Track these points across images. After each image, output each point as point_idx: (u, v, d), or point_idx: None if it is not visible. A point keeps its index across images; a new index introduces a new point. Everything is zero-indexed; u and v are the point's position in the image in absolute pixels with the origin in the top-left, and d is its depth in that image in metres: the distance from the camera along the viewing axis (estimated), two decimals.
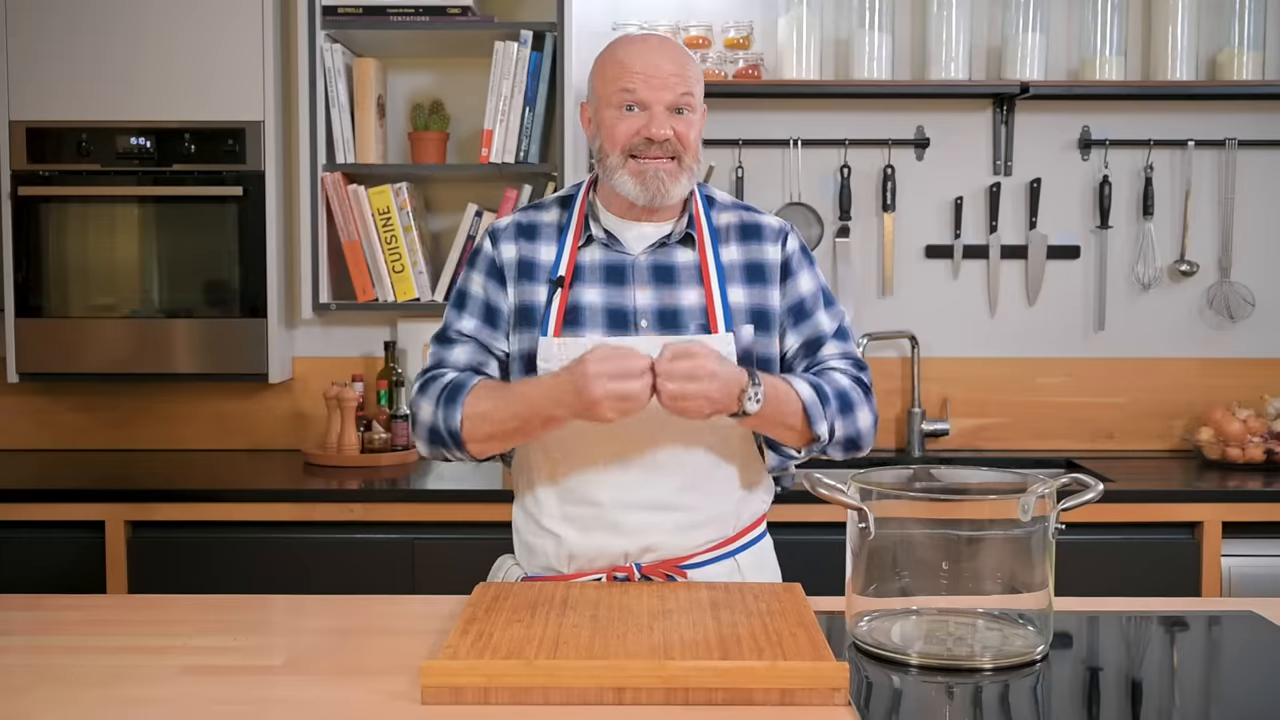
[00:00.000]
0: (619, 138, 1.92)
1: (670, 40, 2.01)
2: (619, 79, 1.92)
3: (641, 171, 1.92)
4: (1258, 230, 3.52)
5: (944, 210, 3.52)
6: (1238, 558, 2.92)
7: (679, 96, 1.91)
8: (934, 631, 1.68)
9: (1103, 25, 3.36)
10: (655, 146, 1.91)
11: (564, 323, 1.95)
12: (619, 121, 1.92)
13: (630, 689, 1.49)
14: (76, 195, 3.22)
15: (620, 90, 1.91)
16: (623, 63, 1.92)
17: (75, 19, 3.18)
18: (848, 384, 1.97)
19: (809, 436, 1.92)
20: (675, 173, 1.93)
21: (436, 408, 1.92)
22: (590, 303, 1.96)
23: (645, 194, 1.93)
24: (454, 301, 2.04)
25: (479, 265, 2.03)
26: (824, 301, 2.04)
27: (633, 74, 1.90)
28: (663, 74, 1.91)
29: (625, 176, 1.93)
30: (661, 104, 1.91)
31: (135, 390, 3.50)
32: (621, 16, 3.41)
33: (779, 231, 2.04)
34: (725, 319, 1.96)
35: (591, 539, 1.95)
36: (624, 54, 1.94)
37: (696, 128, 1.96)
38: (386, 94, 3.44)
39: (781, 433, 1.93)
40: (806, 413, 1.90)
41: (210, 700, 1.51)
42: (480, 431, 1.90)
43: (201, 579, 2.87)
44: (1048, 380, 3.53)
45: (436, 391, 1.93)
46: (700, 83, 1.99)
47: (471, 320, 2.00)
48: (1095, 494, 1.65)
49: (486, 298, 2.00)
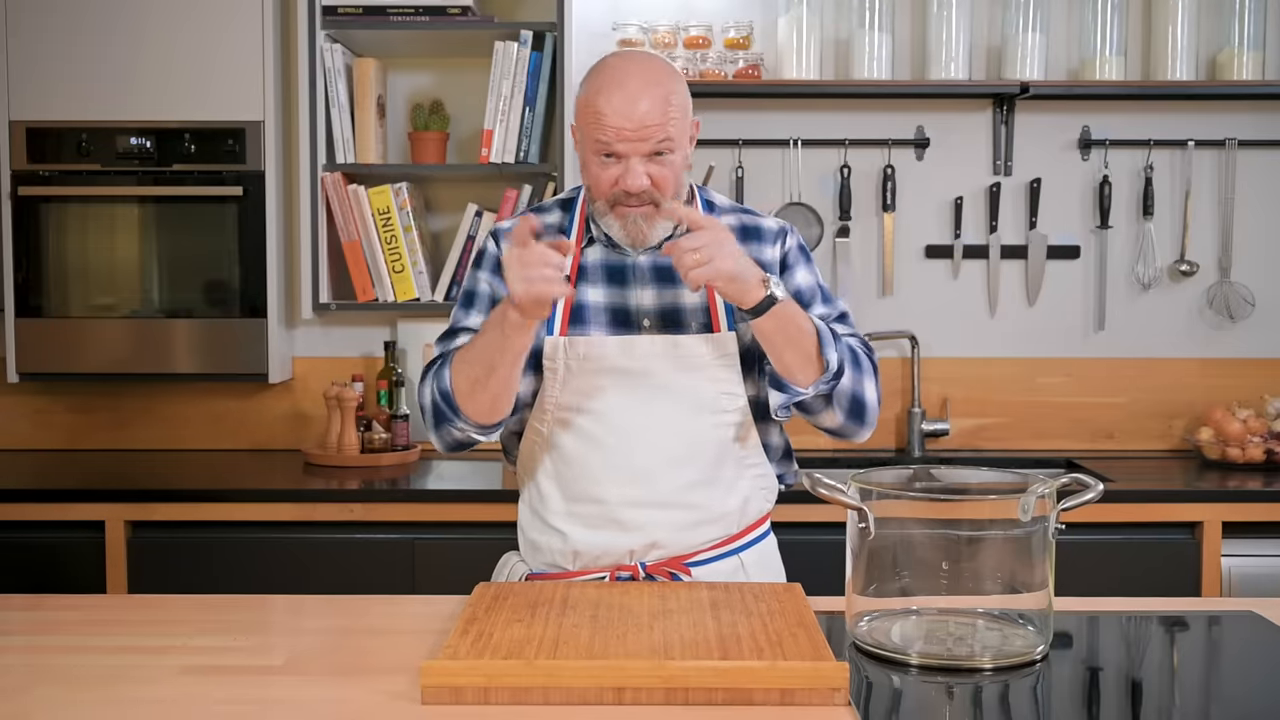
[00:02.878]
0: (600, 187, 1.93)
1: (652, 70, 1.93)
2: (596, 127, 1.89)
3: (624, 216, 1.93)
4: (1258, 230, 3.52)
5: (944, 210, 3.52)
6: (1238, 558, 2.92)
7: (656, 144, 1.88)
8: (934, 631, 1.68)
9: (1103, 25, 3.36)
10: (633, 196, 1.91)
11: (569, 322, 1.97)
12: (600, 171, 1.92)
13: (630, 689, 1.49)
14: (76, 195, 3.22)
15: (596, 140, 1.90)
16: (599, 113, 1.88)
17: (75, 19, 3.18)
18: (858, 346, 1.99)
19: (819, 365, 1.89)
20: (653, 216, 1.93)
21: (431, 382, 1.95)
22: (594, 303, 1.98)
23: (628, 238, 1.95)
24: (461, 301, 2.04)
25: (485, 265, 2.04)
26: (822, 297, 2.05)
27: (607, 127, 1.87)
28: (637, 124, 1.86)
29: (611, 220, 1.95)
30: (637, 154, 1.89)
31: (135, 390, 3.50)
32: (621, 16, 3.41)
33: (778, 232, 2.06)
34: (727, 317, 1.97)
35: (596, 536, 1.96)
36: (602, 102, 1.88)
37: (678, 164, 1.93)
38: (386, 94, 3.44)
39: (793, 353, 1.88)
40: (819, 335, 1.89)
41: (210, 700, 1.51)
42: (463, 383, 1.90)
43: (201, 579, 2.87)
44: (1048, 380, 3.53)
45: (431, 371, 1.97)
46: (684, 107, 1.93)
47: (479, 317, 2.00)
48: (1095, 494, 1.65)
49: (494, 295, 2.01)
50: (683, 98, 1.94)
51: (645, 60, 1.96)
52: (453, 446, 1.99)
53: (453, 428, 1.94)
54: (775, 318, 1.85)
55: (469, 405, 1.91)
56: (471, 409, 1.91)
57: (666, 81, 1.91)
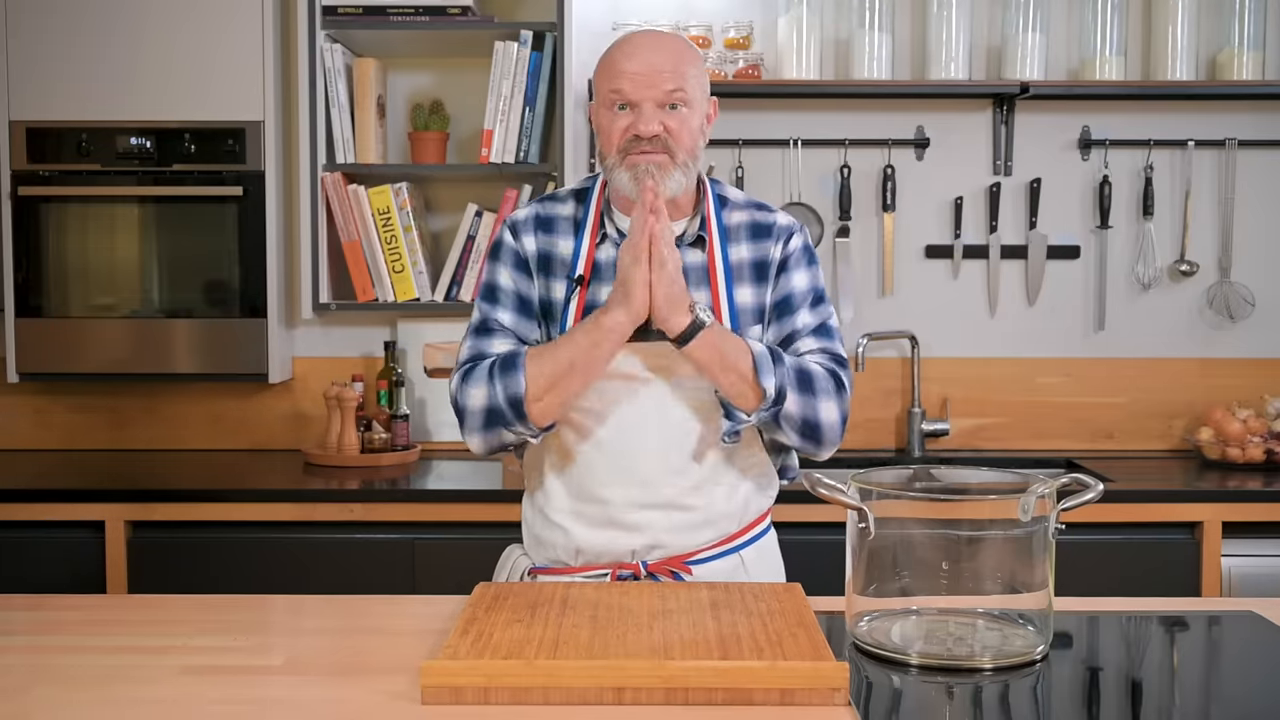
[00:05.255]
0: (612, 137, 1.94)
1: (669, 36, 2.00)
2: (610, 79, 1.93)
3: (634, 166, 1.91)
4: (1258, 230, 3.52)
5: (944, 210, 3.52)
6: (1238, 558, 2.92)
7: (668, 93, 1.91)
8: (934, 631, 1.68)
9: (1103, 25, 3.36)
10: (645, 142, 1.90)
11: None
12: (612, 121, 1.94)
13: (630, 689, 1.49)
14: (76, 195, 3.22)
15: (610, 91, 1.93)
16: (614, 62, 1.93)
17: (75, 19, 3.18)
18: (819, 371, 1.94)
19: (759, 391, 1.88)
20: (668, 166, 1.91)
21: (491, 384, 1.90)
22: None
23: (638, 189, 1.91)
24: (484, 295, 2.02)
25: (504, 258, 2.03)
26: (812, 300, 2.02)
27: (622, 73, 1.91)
28: (652, 71, 1.90)
29: (621, 173, 1.93)
30: (650, 101, 1.90)
31: (135, 390, 3.50)
32: (621, 16, 3.41)
33: (785, 230, 2.04)
34: (732, 322, 1.97)
35: (599, 535, 1.96)
36: (617, 53, 1.95)
37: (693, 122, 1.94)
38: (386, 94, 3.44)
39: (728, 380, 1.88)
40: (755, 361, 1.87)
41: (210, 700, 1.51)
42: (539, 388, 1.88)
43: (201, 579, 2.87)
44: (1048, 380, 3.53)
45: (485, 372, 1.92)
46: (701, 78, 1.97)
47: (508, 313, 1.99)
48: (1095, 494, 1.65)
49: (517, 289, 2.01)
50: (699, 68, 1.97)
51: (666, 32, 2.03)
52: (496, 449, 1.97)
53: (509, 430, 1.92)
54: (703, 345, 1.85)
55: (539, 409, 1.89)
56: (540, 413, 1.90)
57: (684, 50, 1.96)
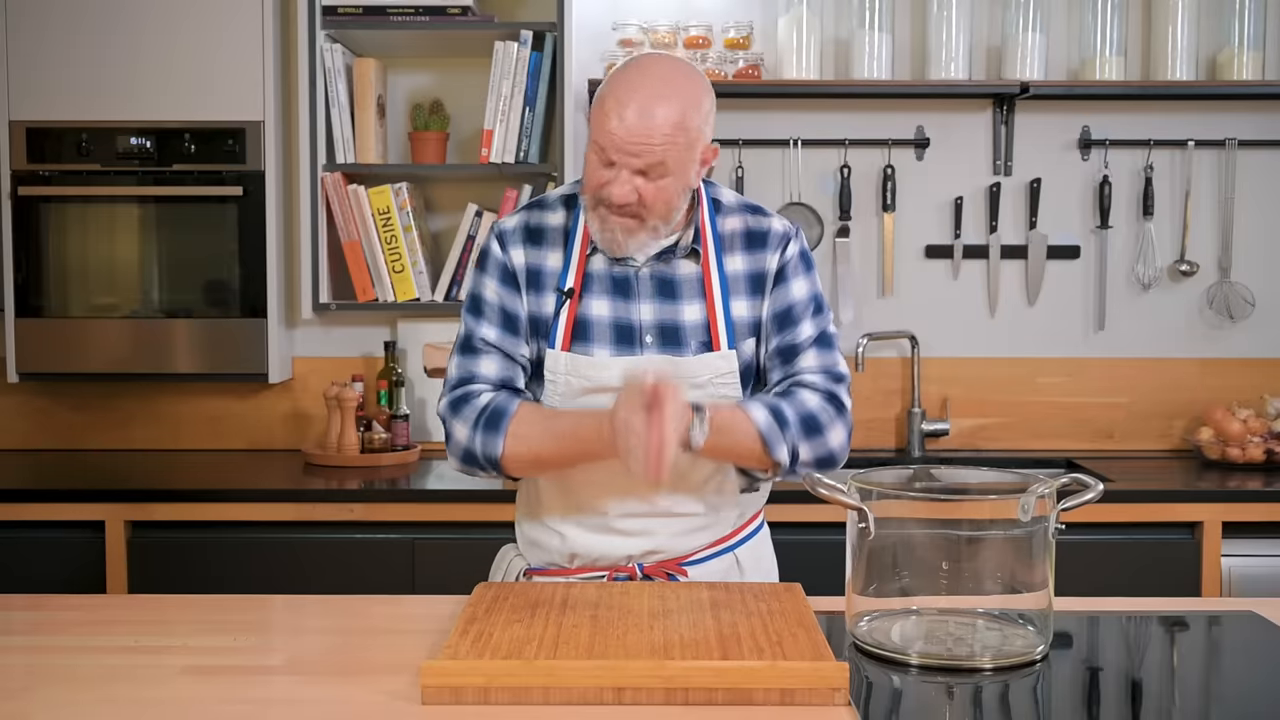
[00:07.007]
0: (589, 180, 1.89)
1: (672, 84, 1.84)
2: (598, 124, 1.85)
3: (603, 220, 1.89)
4: (1258, 230, 3.52)
5: (944, 210, 3.52)
6: (1238, 558, 2.92)
7: (649, 164, 1.83)
8: (934, 631, 1.68)
9: (1103, 25, 3.36)
10: (616, 206, 1.86)
11: (572, 336, 1.94)
12: (594, 169, 1.88)
13: (630, 689, 1.49)
14: (76, 195, 3.22)
15: (595, 141, 1.86)
16: (606, 111, 1.83)
17: (75, 19, 3.18)
18: (816, 405, 1.91)
19: (769, 462, 1.89)
20: (634, 229, 1.88)
21: (474, 432, 1.89)
22: (598, 317, 1.94)
23: (601, 242, 1.91)
24: (469, 307, 1.99)
25: (490, 270, 1.99)
26: (813, 309, 1.98)
27: (608, 131, 1.82)
28: (637, 139, 1.81)
29: (591, 218, 1.91)
30: (629, 168, 1.84)
31: (135, 390, 3.50)
32: (621, 16, 3.41)
33: (781, 237, 1.99)
34: (728, 336, 1.94)
35: (595, 540, 1.96)
36: (610, 104, 1.83)
37: (671, 190, 1.86)
38: (386, 94, 3.44)
39: (742, 461, 1.92)
40: (763, 439, 1.87)
41: (210, 700, 1.51)
42: (522, 460, 1.89)
43: (201, 579, 2.87)
44: (1048, 380, 3.53)
45: (474, 415, 1.90)
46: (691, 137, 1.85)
47: (493, 329, 1.96)
48: (1095, 494, 1.65)
49: (503, 304, 1.96)
50: (697, 120, 1.85)
51: (670, 71, 1.87)
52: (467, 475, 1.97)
53: (480, 473, 1.94)
54: (709, 450, 1.85)
55: (515, 467, 1.91)
56: (516, 470, 1.92)
57: (682, 101, 1.83)
